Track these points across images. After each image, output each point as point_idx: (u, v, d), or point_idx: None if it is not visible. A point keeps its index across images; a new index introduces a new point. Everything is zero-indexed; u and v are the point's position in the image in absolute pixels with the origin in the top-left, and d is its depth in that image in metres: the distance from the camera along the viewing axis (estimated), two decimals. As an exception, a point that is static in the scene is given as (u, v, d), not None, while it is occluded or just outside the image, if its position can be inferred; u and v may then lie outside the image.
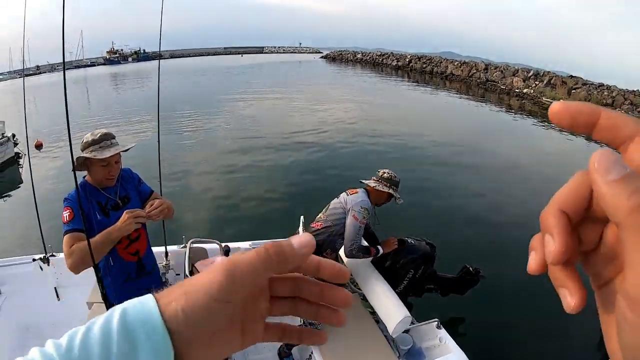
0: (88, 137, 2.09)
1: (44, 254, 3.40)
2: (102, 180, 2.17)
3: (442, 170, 9.99)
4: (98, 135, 2.09)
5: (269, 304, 0.42)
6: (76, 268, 1.93)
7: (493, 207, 7.81)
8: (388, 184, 2.99)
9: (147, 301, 0.36)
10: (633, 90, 22.22)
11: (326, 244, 2.98)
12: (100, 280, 2.27)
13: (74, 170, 1.96)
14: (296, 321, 2.98)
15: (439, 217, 7.13)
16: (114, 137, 2.15)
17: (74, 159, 2.00)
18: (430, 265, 3.24)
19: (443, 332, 2.94)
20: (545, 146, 13.99)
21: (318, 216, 3.17)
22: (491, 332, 4.32)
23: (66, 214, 2.03)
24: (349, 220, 2.86)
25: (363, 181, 3.08)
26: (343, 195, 3.08)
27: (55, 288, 3.47)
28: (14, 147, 11.57)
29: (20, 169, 10.90)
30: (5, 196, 8.64)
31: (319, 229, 3.02)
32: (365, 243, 3.48)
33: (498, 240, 6.45)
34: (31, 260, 3.40)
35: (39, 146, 11.98)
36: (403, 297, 3.15)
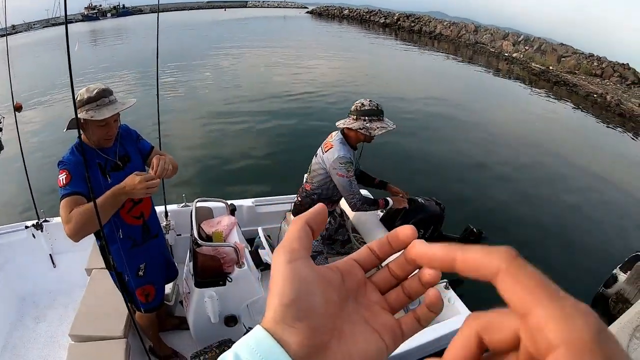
0: (83, 93, 1.85)
1: (37, 220, 3.23)
2: (100, 141, 1.96)
3: (430, 130, 9.94)
4: (94, 92, 1.85)
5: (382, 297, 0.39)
6: (77, 234, 1.72)
7: (485, 167, 7.86)
8: (355, 117, 2.60)
9: (261, 338, 0.31)
10: (623, 63, 22.17)
11: (323, 200, 2.77)
12: (104, 248, 2.11)
13: (79, 131, 1.73)
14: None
15: (437, 176, 7.15)
16: (111, 93, 1.93)
17: (72, 121, 1.80)
18: (439, 226, 3.20)
19: (451, 293, 2.94)
20: (532, 110, 13.95)
21: (305, 176, 3.01)
22: (497, 294, 4.37)
23: (62, 177, 1.81)
24: (337, 179, 2.64)
25: (338, 124, 2.71)
26: (319, 152, 2.79)
27: (50, 255, 3.36)
28: None
29: (0, 134, 10.47)
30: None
31: (308, 191, 2.86)
32: (370, 195, 3.41)
33: (491, 202, 6.50)
34: (23, 227, 3.23)
35: (18, 108, 11.46)
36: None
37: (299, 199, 2.90)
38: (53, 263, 3.38)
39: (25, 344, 2.93)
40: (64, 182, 1.80)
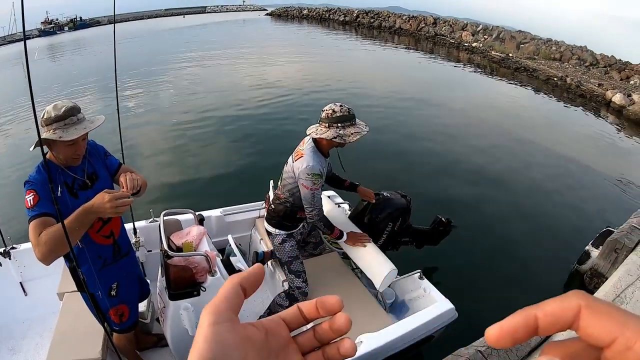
0: (50, 111, 1.77)
1: (4, 248, 3.09)
2: (68, 160, 1.90)
3: (400, 121, 10.03)
4: (62, 110, 1.77)
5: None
6: (47, 257, 1.66)
7: (449, 156, 8.00)
8: (327, 124, 2.45)
9: None
10: (581, 46, 22.93)
11: (295, 208, 2.74)
12: (75, 269, 2.02)
13: (42, 150, 1.65)
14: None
15: (404, 168, 7.23)
16: (79, 111, 1.85)
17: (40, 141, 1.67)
18: (407, 217, 3.24)
19: (426, 283, 2.99)
20: (493, 97, 14.28)
21: (270, 182, 2.99)
22: (469, 280, 4.45)
23: (30, 198, 1.75)
24: (301, 190, 2.55)
25: (309, 131, 2.57)
26: (290, 160, 2.67)
27: (20, 283, 3.22)
28: None
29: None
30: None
31: (281, 199, 2.77)
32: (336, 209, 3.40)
33: (466, 188, 6.62)
34: None
35: None
36: (382, 251, 3.16)
37: (272, 206, 2.84)
38: (24, 291, 3.24)
39: None
40: (32, 204, 1.74)
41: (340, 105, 2.47)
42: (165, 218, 2.65)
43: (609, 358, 0.27)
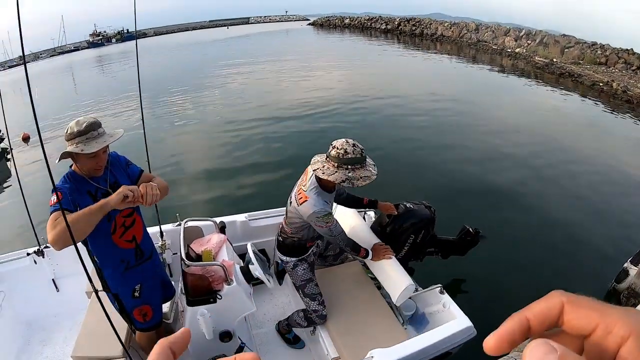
0: (73, 127, 1.95)
1: (38, 247, 3.30)
2: (90, 171, 2.08)
3: (435, 131, 9.86)
4: (84, 126, 1.95)
5: None
6: (57, 242, 1.80)
7: (489, 166, 7.76)
8: (337, 164, 2.28)
9: None
10: (627, 49, 21.81)
11: (304, 240, 2.70)
12: (99, 271, 2.25)
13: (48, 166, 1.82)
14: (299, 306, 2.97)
15: (436, 179, 7.08)
16: (100, 126, 2.02)
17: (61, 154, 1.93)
18: (430, 229, 3.18)
19: (446, 298, 2.92)
20: (538, 104, 13.78)
21: (284, 216, 2.82)
22: (494, 295, 4.27)
23: (54, 198, 1.91)
24: (316, 229, 2.49)
25: (313, 167, 2.40)
26: (294, 200, 2.56)
27: (53, 280, 3.43)
28: (0, 142, 11.31)
29: (9, 164, 10.68)
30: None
31: (289, 234, 2.70)
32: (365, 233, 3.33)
33: (496, 199, 6.42)
34: (25, 254, 3.31)
35: (26, 139, 11.69)
36: (404, 262, 3.11)
37: (281, 238, 2.78)
38: (56, 287, 3.45)
39: None
40: (54, 201, 1.90)
41: (354, 145, 2.29)
42: (188, 225, 2.72)
43: (592, 344, 0.31)
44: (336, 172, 2.26)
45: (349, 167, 2.26)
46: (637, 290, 4.04)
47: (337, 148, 2.29)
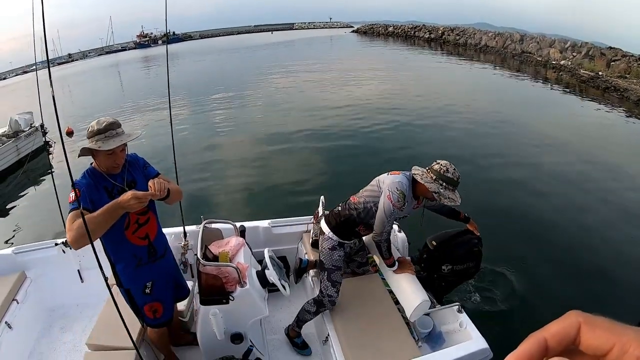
0: (93, 125, 2.09)
1: (66, 238, 3.44)
2: (108, 168, 2.18)
3: (484, 143, 9.72)
4: (103, 125, 2.08)
5: None
6: (76, 242, 1.90)
7: (530, 182, 7.53)
8: (434, 177, 2.49)
9: None
10: (677, 64, 20.63)
11: (358, 220, 2.75)
12: (112, 266, 2.35)
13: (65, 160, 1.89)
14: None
15: (484, 192, 6.92)
16: (119, 126, 2.15)
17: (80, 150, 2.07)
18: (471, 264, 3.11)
19: (464, 317, 2.84)
20: (581, 119, 13.26)
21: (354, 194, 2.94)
22: (515, 319, 4.12)
23: (72, 195, 2.01)
24: (382, 200, 2.57)
25: (414, 170, 2.63)
26: (384, 174, 2.73)
27: (78, 270, 3.57)
28: (44, 136, 11.81)
29: (51, 157, 11.14)
30: (36, 185, 8.98)
31: (351, 204, 2.79)
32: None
33: (544, 216, 6.22)
34: (53, 244, 3.47)
35: (70, 133, 12.22)
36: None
37: (338, 208, 2.87)
38: (81, 278, 3.61)
39: (50, 351, 3.20)
40: (73, 199, 1.99)
41: (454, 169, 2.51)
42: (208, 226, 2.77)
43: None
44: (433, 183, 2.48)
45: (444, 184, 2.47)
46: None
47: (441, 165, 2.52)
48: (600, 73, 20.87)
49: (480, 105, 13.76)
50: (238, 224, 3.01)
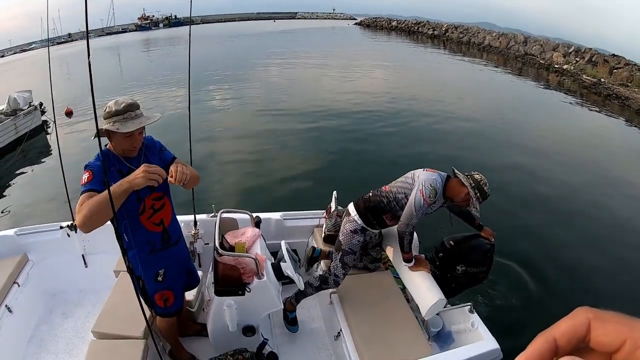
0: (111, 106, 1.99)
1: (72, 221, 3.34)
2: (125, 151, 2.10)
3: (485, 146, 9.72)
4: (122, 106, 1.99)
5: None
6: (84, 224, 1.81)
7: (526, 184, 7.58)
8: (473, 184, 2.60)
9: None
10: (679, 76, 20.70)
11: (387, 208, 2.79)
12: (124, 253, 2.21)
13: (98, 138, 1.83)
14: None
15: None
16: (138, 108, 2.05)
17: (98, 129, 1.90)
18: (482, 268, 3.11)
19: (475, 317, 2.85)
20: (581, 125, 13.37)
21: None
22: (527, 319, 4.15)
23: (85, 177, 1.95)
24: (414, 193, 2.64)
25: (455, 172, 2.74)
26: (420, 169, 2.80)
27: (82, 255, 3.48)
28: (42, 115, 11.70)
29: (49, 137, 10.99)
30: (35, 164, 8.80)
31: (382, 192, 2.84)
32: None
33: (533, 220, 6.24)
34: (58, 227, 3.36)
35: (69, 113, 12.07)
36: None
37: (370, 194, 2.92)
38: (85, 263, 3.50)
39: (51, 337, 3.09)
40: (86, 181, 1.93)
41: (488, 187, 2.63)
42: (225, 216, 2.73)
43: (621, 359, 0.30)
44: (470, 190, 2.59)
45: (478, 194, 2.60)
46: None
47: (482, 177, 2.65)
48: (602, 80, 20.94)
49: (480, 105, 13.79)
50: (254, 215, 2.98)
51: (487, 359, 2.54)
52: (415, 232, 3.53)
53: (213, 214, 3.57)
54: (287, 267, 2.54)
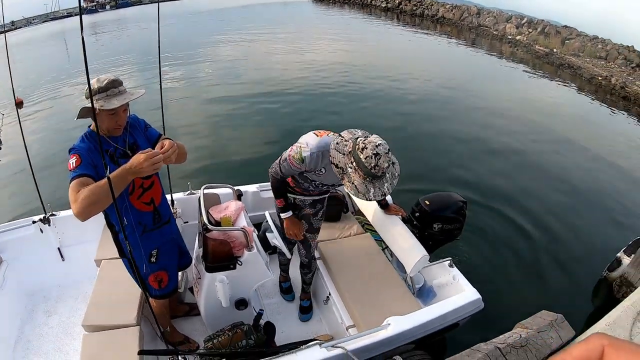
0: (93, 83, 1.88)
1: (44, 214, 3.21)
2: (110, 130, 2.02)
3: (440, 114, 9.86)
4: (105, 82, 1.89)
5: None
6: (83, 213, 1.73)
7: (485, 151, 7.87)
8: (350, 150, 2.00)
9: None
10: (628, 46, 21.74)
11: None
12: (115, 235, 2.21)
13: (94, 118, 1.78)
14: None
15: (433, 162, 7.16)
16: (121, 84, 1.97)
17: (85, 109, 1.87)
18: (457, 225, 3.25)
19: (455, 271, 2.99)
20: (534, 93, 13.77)
21: None
22: (501, 271, 4.49)
23: (73, 161, 1.86)
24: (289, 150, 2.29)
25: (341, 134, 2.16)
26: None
27: (58, 249, 3.36)
28: None
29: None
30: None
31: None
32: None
33: (495, 185, 6.53)
34: (31, 222, 3.20)
35: (19, 104, 11.47)
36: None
37: None
38: (62, 256, 3.38)
39: (38, 337, 2.95)
40: (74, 165, 1.85)
41: (373, 159, 1.92)
42: (205, 192, 2.72)
43: None
44: (346, 168, 2.02)
45: (354, 165, 1.98)
46: (630, 280, 4.12)
47: (373, 143, 1.94)
48: (555, 50, 21.69)
49: (433, 76, 13.86)
50: (235, 188, 2.99)
51: (470, 309, 2.69)
52: (390, 195, 3.64)
53: (189, 191, 3.55)
54: (274, 237, 2.57)
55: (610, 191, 6.81)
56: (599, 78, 16.82)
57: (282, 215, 2.61)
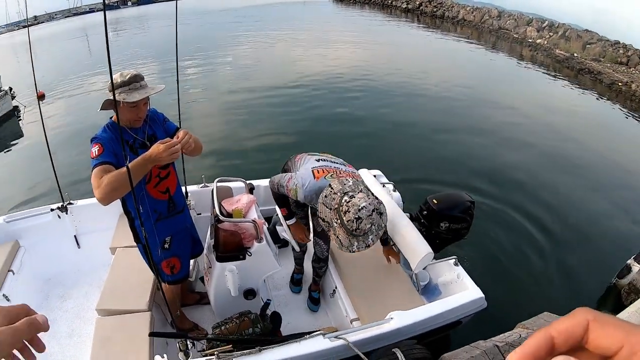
0: (117, 78, 2.04)
1: (62, 203, 3.33)
2: (131, 122, 2.16)
3: (457, 115, 9.80)
4: (127, 77, 2.05)
5: None
6: (106, 198, 1.89)
7: (498, 152, 7.83)
8: (335, 207, 2.02)
9: None
10: (650, 51, 21.30)
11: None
12: (131, 222, 2.34)
13: (116, 110, 1.89)
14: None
15: (450, 166, 7.11)
16: (142, 79, 2.12)
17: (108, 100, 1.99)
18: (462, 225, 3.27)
19: (460, 269, 3.02)
20: (553, 97, 13.65)
21: None
22: (506, 272, 4.50)
23: (95, 149, 2.00)
24: (290, 174, 2.45)
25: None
26: (311, 158, 2.53)
27: (75, 236, 3.48)
28: (12, 100, 11.39)
29: (20, 122, 10.76)
30: (7, 150, 8.57)
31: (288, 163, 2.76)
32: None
33: (502, 187, 6.49)
34: (49, 210, 3.33)
35: (41, 97, 11.78)
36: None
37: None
38: (78, 244, 3.51)
39: (52, 321, 3.05)
40: (96, 154, 1.99)
41: (356, 221, 1.96)
42: (218, 185, 2.81)
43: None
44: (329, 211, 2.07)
45: (339, 222, 2.02)
46: (638, 287, 4.08)
47: (366, 201, 1.97)
48: (575, 54, 21.37)
49: (456, 78, 13.81)
50: (247, 182, 3.07)
51: (473, 307, 2.72)
52: (398, 192, 3.70)
53: (203, 184, 3.65)
54: (283, 231, 2.65)
55: (623, 198, 6.72)
56: (620, 84, 16.52)
57: (287, 223, 2.74)
